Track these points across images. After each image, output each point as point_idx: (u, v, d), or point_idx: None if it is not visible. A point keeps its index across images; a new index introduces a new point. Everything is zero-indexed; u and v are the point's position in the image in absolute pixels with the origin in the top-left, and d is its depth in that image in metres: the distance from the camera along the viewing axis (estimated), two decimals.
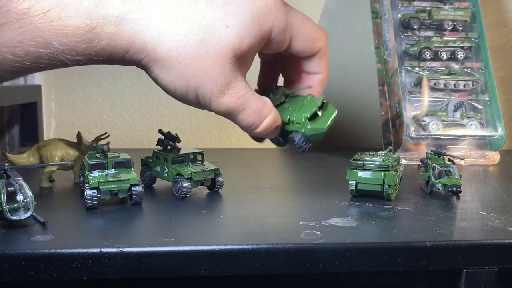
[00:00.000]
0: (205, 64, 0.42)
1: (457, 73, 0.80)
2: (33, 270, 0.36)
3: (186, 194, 0.53)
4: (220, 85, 0.43)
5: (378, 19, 0.86)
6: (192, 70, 0.42)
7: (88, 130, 0.93)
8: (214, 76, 0.42)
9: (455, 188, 0.54)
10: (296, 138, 0.48)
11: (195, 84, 0.42)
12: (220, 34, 0.42)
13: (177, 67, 0.42)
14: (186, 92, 0.43)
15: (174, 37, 0.41)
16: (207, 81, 0.42)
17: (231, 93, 0.43)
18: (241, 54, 0.43)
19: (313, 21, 0.49)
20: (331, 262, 0.39)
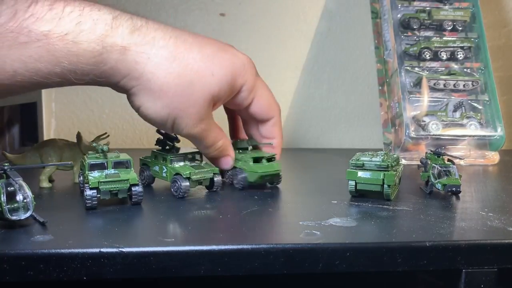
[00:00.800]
0: (189, 102, 0.49)
1: (456, 73, 0.80)
2: (33, 270, 0.36)
3: (185, 194, 0.53)
4: (195, 120, 0.50)
5: (378, 19, 0.86)
6: (177, 104, 0.49)
7: (88, 130, 0.93)
8: (193, 113, 0.50)
9: (455, 188, 0.54)
10: (239, 174, 0.57)
11: (175, 116, 0.49)
12: (206, 80, 0.50)
13: (164, 100, 0.48)
14: (166, 120, 0.50)
15: (168, 74, 0.48)
16: (186, 115, 0.50)
17: (201, 126, 0.51)
18: (217, 99, 0.51)
19: (271, 94, 0.59)
20: (331, 262, 0.39)
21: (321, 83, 0.97)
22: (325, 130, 0.98)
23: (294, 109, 0.97)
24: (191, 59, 0.49)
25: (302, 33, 0.96)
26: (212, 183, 0.55)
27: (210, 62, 0.50)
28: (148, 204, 0.51)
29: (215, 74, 0.50)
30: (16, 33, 0.41)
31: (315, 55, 0.96)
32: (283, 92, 0.96)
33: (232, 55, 0.53)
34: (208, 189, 0.56)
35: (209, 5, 0.94)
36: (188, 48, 0.50)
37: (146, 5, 0.93)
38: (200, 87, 0.49)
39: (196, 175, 0.53)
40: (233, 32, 0.93)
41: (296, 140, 0.98)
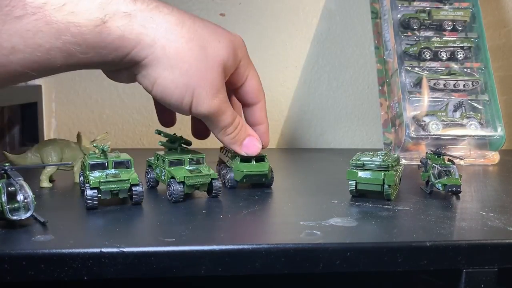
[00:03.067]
0: (205, 67, 0.46)
1: (456, 73, 0.80)
2: (33, 270, 0.36)
3: (178, 199, 0.51)
4: (214, 88, 0.47)
5: (378, 19, 0.86)
6: (194, 71, 0.46)
7: (88, 130, 0.93)
8: (211, 79, 0.47)
9: (455, 188, 0.54)
10: (228, 173, 0.58)
11: (194, 85, 0.46)
12: (215, 46, 0.48)
13: (181, 66, 0.45)
14: (184, 91, 0.46)
15: (181, 39, 0.45)
16: (205, 82, 0.47)
17: (220, 97, 0.48)
18: (227, 67, 0.49)
19: None
20: (331, 262, 0.39)
21: (321, 83, 0.97)
22: (325, 130, 0.98)
23: (294, 109, 0.97)
24: (197, 26, 0.47)
25: (302, 33, 0.96)
26: (211, 188, 0.53)
27: (214, 31, 0.49)
28: (148, 204, 0.51)
29: (221, 41, 0.49)
30: (10, 7, 0.39)
31: (315, 55, 0.96)
32: (283, 92, 0.96)
33: (229, 32, 0.52)
34: (208, 195, 0.54)
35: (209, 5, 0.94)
36: (191, 17, 0.48)
37: None
38: (211, 51, 0.47)
39: (191, 180, 0.51)
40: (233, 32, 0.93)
41: (296, 140, 0.98)
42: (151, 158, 0.59)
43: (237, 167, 0.57)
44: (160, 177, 0.56)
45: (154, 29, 0.44)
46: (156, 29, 0.44)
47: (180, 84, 0.46)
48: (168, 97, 0.47)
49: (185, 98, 0.47)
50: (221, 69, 0.48)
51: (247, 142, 0.54)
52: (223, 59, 0.48)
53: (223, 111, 0.50)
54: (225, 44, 0.49)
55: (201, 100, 0.47)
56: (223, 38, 0.49)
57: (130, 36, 0.43)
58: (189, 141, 0.58)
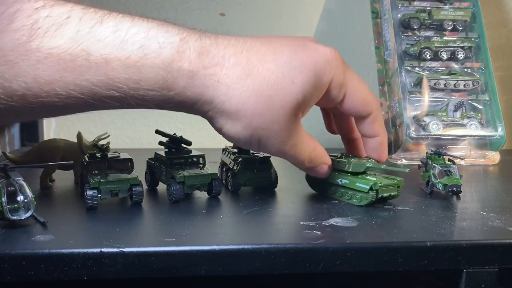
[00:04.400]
0: (271, 119, 0.44)
1: (457, 73, 0.80)
2: (33, 270, 0.36)
3: (178, 199, 0.51)
4: (283, 137, 0.46)
5: (378, 19, 0.86)
6: (258, 123, 0.44)
7: (88, 130, 0.93)
8: (278, 130, 0.45)
9: (455, 188, 0.54)
10: (231, 176, 0.57)
11: (259, 136, 0.45)
12: (286, 91, 0.44)
13: (243, 120, 0.44)
14: (249, 141, 0.46)
15: (243, 93, 0.44)
16: (271, 134, 0.45)
17: (290, 143, 0.47)
18: (303, 106, 0.46)
19: (366, 85, 0.51)
20: (331, 262, 0.39)
21: None
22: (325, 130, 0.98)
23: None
24: (266, 71, 0.44)
25: (302, 33, 0.96)
26: (211, 188, 0.53)
27: (288, 69, 0.45)
28: (148, 204, 0.51)
29: (295, 81, 0.45)
30: (74, 55, 0.38)
31: None
32: None
33: (313, 52, 0.47)
34: (208, 195, 0.54)
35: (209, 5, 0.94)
36: (262, 58, 0.45)
37: (146, 5, 0.93)
38: (280, 100, 0.44)
39: (191, 180, 0.51)
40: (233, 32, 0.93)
41: None
42: (151, 158, 0.58)
43: (241, 170, 0.56)
44: (160, 177, 0.56)
45: (215, 87, 0.43)
46: (216, 87, 0.43)
47: (244, 135, 0.45)
48: (236, 142, 0.48)
49: (250, 146, 0.47)
50: (293, 114, 0.45)
51: (319, 169, 0.52)
52: (295, 103, 0.45)
53: (296, 152, 0.48)
54: (300, 83, 0.45)
55: (269, 147, 0.46)
56: (300, 73, 0.45)
57: (190, 94, 0.43)
58: (189, 141, 0.58)
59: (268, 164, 0.58)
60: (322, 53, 0.47)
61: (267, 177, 0.57)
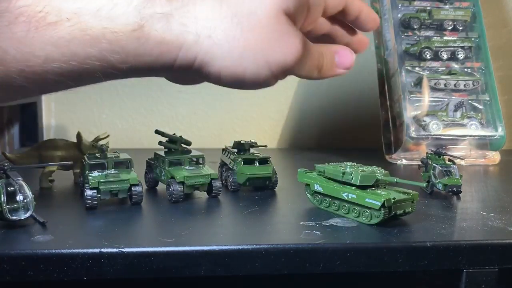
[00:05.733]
0: (264, 33, 0.41)
1: (457, 73, 0.80)
2: (33, 270, 0.36)
3: (177, 199, 0.51)
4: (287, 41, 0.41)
5: None
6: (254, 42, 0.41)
7: (88, 130, 0.93)
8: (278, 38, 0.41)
9: (456, 188, 0.54)
10: (231, 176, 0.57)
11: (262, 54, 0.41)
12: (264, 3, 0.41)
13: (237, 45, 0.40)
14: (256, 67, 0.41)
15: (224, 19, 0.40)
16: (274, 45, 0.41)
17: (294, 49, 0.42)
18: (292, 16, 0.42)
19: None
20: (331, 262, 0.39)
21: (321, 83, 0.96)
22: (325, 130, 0.98)
23: (294, 109, 0.97)
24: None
25: None
26: (211, 188, 0.53)
27: None
28: (148, 204, 0.51)
29: None
30: (44, 12, 0.37)
31: None
32: (283, 92, 0.95)
33: None
34: (208, 195, 0.54)
35: None
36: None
37: None
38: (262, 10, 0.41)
39: (190, 180, 0.51)
40: None
41: (296, 140, 0.98)
42: (151, 158, 0.58)
43: (240, 169, 0.56)
44: (159, 177, 0.56)
45: (194, 24, 0.40)
46: (195, 23, 0.40)
47: (247, 63, 0.41)
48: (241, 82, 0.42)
49: (261, 72, 0.42)
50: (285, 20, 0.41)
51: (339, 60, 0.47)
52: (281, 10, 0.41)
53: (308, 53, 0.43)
54: None
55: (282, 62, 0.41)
56: None
57: (170, 38, 0.40)
58: (189, 141, 0.58)
59: (268, 164, 0.58)
60: None
61: (267, 177, 0.57)
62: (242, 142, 0.60)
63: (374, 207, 0.43)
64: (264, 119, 0.97)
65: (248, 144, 0.60)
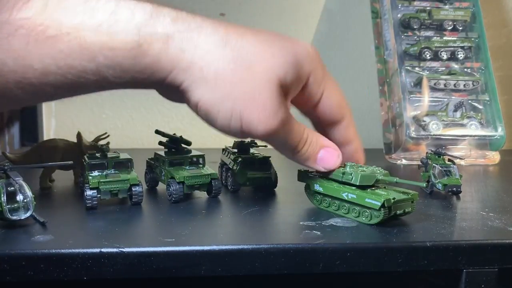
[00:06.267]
0: (252, 88, 0.41)
1: (457, 73, 0.80)
2: (33, 270, 0.36)
3: (177, 199, 0.51)
4: (269, 112, 0.42)
5: (378, 19, 0.86)
6: (239, 92, 0.41)
7: (88, 130, 0.93)
8: (262, 102, 0.41)
9: (455, 188, 0.54)
10: (231, 176, 0.57)
11: (241, 108, 0.41)
12: (267, 63, 0.42)
13: (223, 88, 0.41)
14: (230, 116, 0.42)
15: (222, 59, 0.41)
16: (255, 106, 0.41)
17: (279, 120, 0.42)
18: (285, 85, 0.43)
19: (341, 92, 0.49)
20: (331, 262, 0.39)
21: None
22: None
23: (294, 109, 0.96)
24: (245, 42, 0.42)
25: (302, 33, 0.96)
26: (211, 188, 0.53)
27: (268, 46, 0.42)
28: (148, 204, 0.51)
29: (276, 55, 0.42)
30: (44, 26, 0.37)
31: None
32: None
33: (293, 41, 0.45)
34: (208, 195, 0.54)
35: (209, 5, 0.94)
36: (241, 34, 0.42)
37: None
38: (261, 69, 0.41)
39: (190, 180, 0.51)
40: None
41: None
42: (151, 158, 0.58)
43: (240, 169, 0.56)
44: (160, 177, 0.56)
45: (192, 52, 0.40)
46: (193, 52, 0.41)
47: (223, 108, 0.41)
48: (213, 121, 0.43)
49: (231, 123, 0.42)
50: (276, 88, 0.42)
51: (323, 155, 0.47)
52: (277, 76, 0.42)
53: (286, 133, 0.44)
54: (281, 59, 0.42)
55: (253, 126, 0.42)
56: (280, 51, 0.43)
57: (166, 60, 0.40)
58: (189, 141, 0.58)
59: (268, 164, 0.58)
60: (303, 45, 0.45)
61: (267, 177, 0.57)
62: (242, 142, 0.60)
63: (374, 207, 0.43)
64: None
65: (248, 144, 0.60)
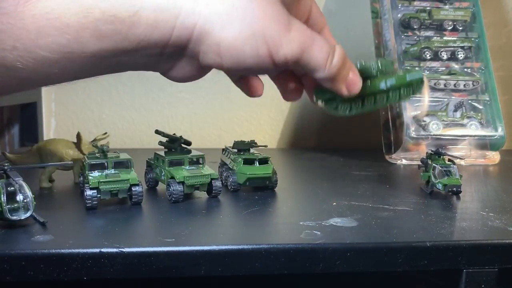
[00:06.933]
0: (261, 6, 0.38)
1: (457, 73, 0.80)
2: (33, 270, 0.36)
3: (177, 199, 0.51)
4: (284, 22, 0.39)
5: (378, 19, 0.86)
6: (252, 14, 0.38)
7: (88, 130, 0.93)
8: (276, 15, 0.39)
9: (455, 188, 0.54)
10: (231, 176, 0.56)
11: (261, 29, 0.38)
12: None
13: (236, 17, 0.38)
14: (255, 42, 0.38)
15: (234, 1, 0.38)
16: (271, 21, 0.38)
17: (296, 27, 0.39)
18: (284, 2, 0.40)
19: None
20: (331, 262, 0.39)
21: None
22: (325, 130, 0.98)
23: (294, 109, 0.97)
24: None
25: None
26: (211, 188, 0.53)
27: None
28: (148, 204, 0.51)
29: None
30: None
31: None
32: None
33: None
34: (208, 195, 0.54)
35: None
36: None
37: None
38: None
39: (190, 180, 0.51)
40: None
41: (296, 140, 0.98)
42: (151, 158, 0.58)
43: (240, 169, 0.56)
44: (159, 177, 0.56)
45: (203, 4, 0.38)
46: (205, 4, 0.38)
47: (246, 37, 0.38)
48: (242, 60, 0.39)
49: (259, 50, 0.39)
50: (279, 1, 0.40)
51: (352, 78, 0.44)
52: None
53: (310, 42, 0.40)
54: None
55: (279, 41, 0.39)
56: None
57: (166, 5, 0.38)
58: (189, 141, 0.58)
59: (268, 164, 0.58)
60: None
61: (267, 177, 0.57)
62: (242, 142, 0.60)
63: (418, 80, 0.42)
64: (264, 119, 0.97)
65: (248, 144, 0.60)
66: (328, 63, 0.41)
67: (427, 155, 0.60)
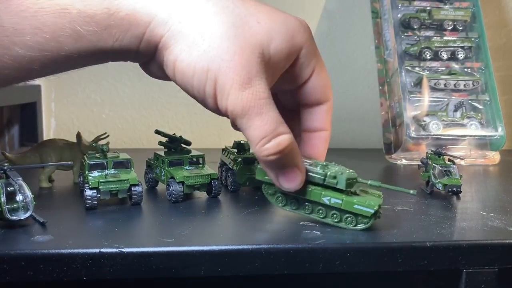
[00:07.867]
0: (232, 48, 0.37)
1: (457, 73, 0.80)
2: (32, 270, 0.36)
3: (177, 199, 0.51)
4: (243, 77, 0.37)
5: (378, 19, 0.86)
6: (216, 52, 0.37)
7: (88, 130, 0.93)
8: (240, 66, 0.37)
9: (455, 188, 0.54)
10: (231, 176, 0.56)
11: (217, 69, 0.37)
12: (251, 26, 0.38)
13: (201, 45, 0.37)
14: (205, 78, 0.37)
15: (203, 14, 0.38)
16: (231, 68, 0.37)
17: (253, 90, 0.37)
18: (268, 56, 0.38)
19: None
20: (331, 262, 0.39)
21: None
22: None
23: None
24: (230, 2, 0.38)
25: None
26: (211, 188, 0.53)
27: (256, 11, 0.39)
28: (148, 204, 0.51)
29: (262, 22, 0.38)
30: None
31: None
32: None
33: (285, 13, 0.41)
34: (208, 195, 0.54)
35: None
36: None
37: None
38: (244, 31, 0.37)
39: (190, 180, 0.51)
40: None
41: None
42: (150, 158, 0.58)
43: (240, 169, 0.56)
44: (160, 177, 0.56)
45: (170, 3, 0.37)
46: (172, 2, 0.37)
47: (199, 70, 0.37)
48: (189, 87, 0.38)
49: (206, 88, 0.37)
50: (258, 55, 0.37)
51: (290, 173, 0.41)
52: (259, 43, 0.37)
53: (257, 112, 0.37)
54: (268, 26, 0.38)
55: (227, 92, 0.37)
56: (268, 18, 0.39)
57: (142, 11, 0.37)
58: (189, 141, 0.58)
59: None
60: (297, 20, 0.41)
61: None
62: (242, 142, 0.60)
63: (366, 214, 0.41)
64: None
65: (248, 144, 0.60)
66: (260, 143, 0.38)
67: (427, 155, 0.60)
